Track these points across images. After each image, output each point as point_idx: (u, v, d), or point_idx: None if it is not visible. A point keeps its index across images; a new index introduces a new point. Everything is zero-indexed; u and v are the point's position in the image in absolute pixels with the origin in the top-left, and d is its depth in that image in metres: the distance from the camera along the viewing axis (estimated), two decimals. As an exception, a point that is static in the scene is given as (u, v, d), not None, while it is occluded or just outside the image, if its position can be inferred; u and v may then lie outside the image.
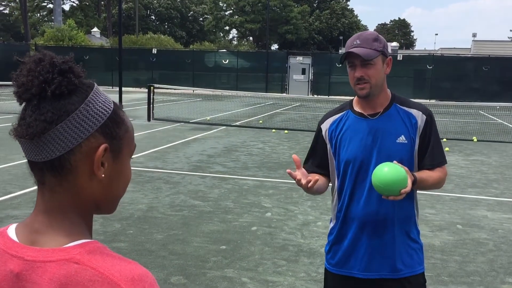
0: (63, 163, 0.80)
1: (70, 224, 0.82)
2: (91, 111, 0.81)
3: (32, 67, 0.79)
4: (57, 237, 0.80)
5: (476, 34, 48.06)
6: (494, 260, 4.66)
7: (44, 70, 0.79)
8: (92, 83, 0.85)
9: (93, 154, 0.81)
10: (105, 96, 0.85)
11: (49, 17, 55.79)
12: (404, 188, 1.91)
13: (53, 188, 0.82)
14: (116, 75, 18.17)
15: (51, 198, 0.83)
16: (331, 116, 2.27)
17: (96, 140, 0.81)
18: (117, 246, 4.63)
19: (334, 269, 2.23)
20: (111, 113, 0.84)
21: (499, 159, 10.01)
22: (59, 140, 0.79)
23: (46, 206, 0.83)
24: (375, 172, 1.97)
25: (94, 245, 0.80)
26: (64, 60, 0.81)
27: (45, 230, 0.81)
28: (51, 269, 0.76)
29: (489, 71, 27.21)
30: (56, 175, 0.81)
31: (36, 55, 0.81)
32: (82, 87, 0.82)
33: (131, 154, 0.90)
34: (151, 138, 11.44)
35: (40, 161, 0.80)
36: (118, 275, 0.75)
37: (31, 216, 0.85)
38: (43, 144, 0.79)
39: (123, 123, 0.86)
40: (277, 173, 8.08)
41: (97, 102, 0.82)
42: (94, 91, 0.83)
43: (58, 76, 0.79)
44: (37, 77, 0.78)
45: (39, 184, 0.84)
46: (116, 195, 0.88)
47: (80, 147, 0.80)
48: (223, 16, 59.69)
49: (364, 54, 2.02)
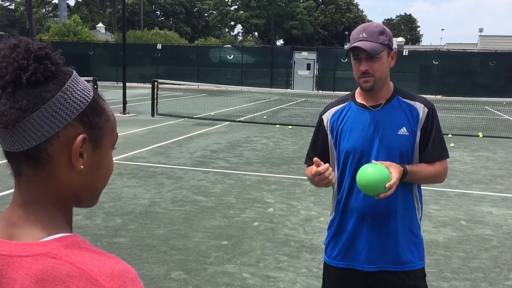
0: (40, 153, 0.77)
1: (48, 217, 0.79)
2: (69, 99, 0.78)
3: (7, 53, 0.76)
4: (34, 230, 0.77)
5: (483, 29, 47.85)
6: (498, 256, 4.61)
7: (19, 56, 0.76)
8: (71, 70, 0.81)
9: (71, 144, 0.78)
10: (84, 84, 0.82)
11: (54, 12, 55.89)
12: (388, 182, 1.91)
13: (29, 180, 0.79)
14: (120, 71, 18.14)
15: (28, 190, 0.80)
16: (333, 107, 2.25)
17: (74, 129, 0.78)
18: (118, 241, 4.62)
19: (333, 261, 2.21)
20: (91, 101, 0.80)
21: (505, 155, 9.93)
22: (35, 129, 0.76)
23: (23, 199, 0.80)
24: (357, 177, 1.98)
25: (73, 239, 0.77)
26: (40, 46, 0.78)
27: (21, 224, 0.78)
28: (27, 264, 0.73)
29: (496, 66, 27.04)
30: (32, 165, 0.78)
31: (11, 41, 0.78)
32: (59, 74, 0.79)
33: (113, 144, 0.86)
34: (154, 133, 11.44)
35: (16, 151, 0.77)
36: (96, 270, 0.72)
37: (8, 209, 0.82)
38: (18, 134, 0.76)
39: (103, 112, 0.83)
40: (281, 169, 8.05)
41: (75, 90, 0.79)
42: (73, 79, 0.80)
43: (33, 63, 0.76)
44: (11, 63, 0.75)
45: (16, 176, 0.81)
46: (97, 187, 0.85)
47: (57, 137, 0.77)
48: (228, 12, 59.59)
49: (370, 49, 2.00)
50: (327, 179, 1.97)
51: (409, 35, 74.41)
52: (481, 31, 46.98)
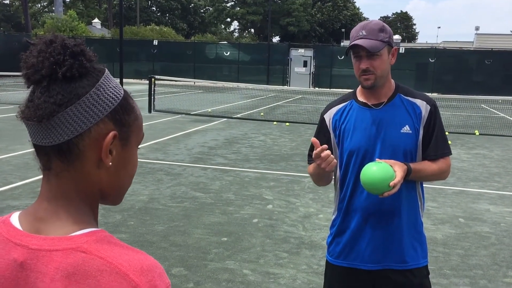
0: (71, 147, 0.78)
1: (76, 212, 0.80)
2: (102, 95, 0.79)
3: (43, 48, 0.77)
4: (62, 225, 0.78)
5: (479, 28, 47.87)
6: (497, 253, 4.64)
7: (56, 51, 0.77)
8: (103, 68, 0.83)
9: (102, 140, 0.79)
10: (116, 82, 0.83)
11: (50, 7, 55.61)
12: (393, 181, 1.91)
13: (59, 174, 0.80)
14: (117, 67, 18.10)
15: (57, 184, 0.80)
16: (334, 106, 2.23)
17: (106, 126, 0.79)
18: (118, 237, 4.59)
19: (336, 261, 2.21)
20: (122, 99, 0.82)
21: (501, 153, 9.98)
22: (68, 124, 0.76)
23: (52, 193, 0.80)
24: (361, 175, 1.98)
25: (101, 234, 0.78)
26: (76, 43, 0.79)
27: (50, 218, 0.79)
28: (57, 258, 0.74)
29: (492, 64, 27.10)
30: (63, 160, 0.79)
31: (47, 37, 0.79)
32: (93, 71, 0.80)
33: (138, 143, 0.87)
34: (152, 129, 11.42)
35: (48, 145, 0.78)
36: (126, 264, 0.73)
37: (35, 203, 0.82)
38: (51, 127, 0.76)
39: (133, 110, 0.84)
40: (279, 166, 8.06)
41: (108, 87, 0.80)
42: (105, 76, 0.81)
43: (69, 59, 0.77)
44: (48, 58, 0.76)
45: (44, 170, 0.81)
46: (123, 185, 0.86)
47: (89, 132, 0.78)
48: (225, 8, 59.45)
49: (370, 47, 1.99)
50: (330, 158, 1.94)
51: (405, 33, 74.51)
52: (477, 30, 47.11)
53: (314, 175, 2.22)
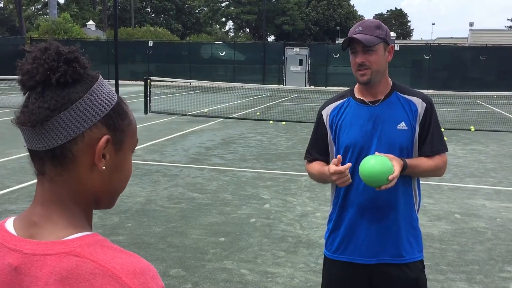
0: (65, 152, 0.79)
1: (70, 216, 0.81)
2: (95, 101, 0.81)
3: (38, 55, 0.79)
4: (56, 229, 0.79)
5: (473, 24, 48.00)
6: (493, 249, 4.67)
7: (50, 58, 0.79)
8: (97, 74, 0.85)
9: (95, 144, 0.80)
10: (109, 88, 0.85)
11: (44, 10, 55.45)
12: (391, 175, 1.94)
13: (53, 179, 0.81)
14: (112, 68, 18.07)
15: (51, 189, 0.82)
16: (332, 103, 2.27)
17: (99, 130, 0.81)
18: (116, 239, 4.62)
19: (334, 255, 2.24)
20: (115, 104, 0.84)
21: (497, 148, 10.03)
22: (62, 129, 0.78)
23: (45, 198, 0.82)
24: (360, 167, 2.01)
25: (95, 238, 0.79)
26: (70, 50, 0.81)
27: (43, 223, 0.80)
28: (50, 262, 0.75)
29: (487, 60, 27.18)
30: (56, 164, 0.80)
31: (42, 44, 0.81)
32: (87, 77, 0.82)
33: (133, 148, 0.89)
34: (148, 131, 11.42)
35: (41, 149, 0.79)
36: (119, 267, 0.74)
37: (29, 208, 0.83)
38: (45, 132, 0.78)
39: (126, 116, 0.86)
40: (275, 165, 8.08)
41: (101, 92, 0.82)
42: (99, 82, 0.83)
43: (63, 65, 0.79)
44: (42, 64, 0.78)
45: (38, 175, 0.83)
46: (116, 189, 0.87)
47: (82, 137, 0.79)
48: (219, 8, 59.41)
49: (365, 40, 2.04)
50: (346, 177, 2.00)
51: (400, 30, 74.63)
52: (471, 25, 47.21)
53: (318, 179, 2.27)
